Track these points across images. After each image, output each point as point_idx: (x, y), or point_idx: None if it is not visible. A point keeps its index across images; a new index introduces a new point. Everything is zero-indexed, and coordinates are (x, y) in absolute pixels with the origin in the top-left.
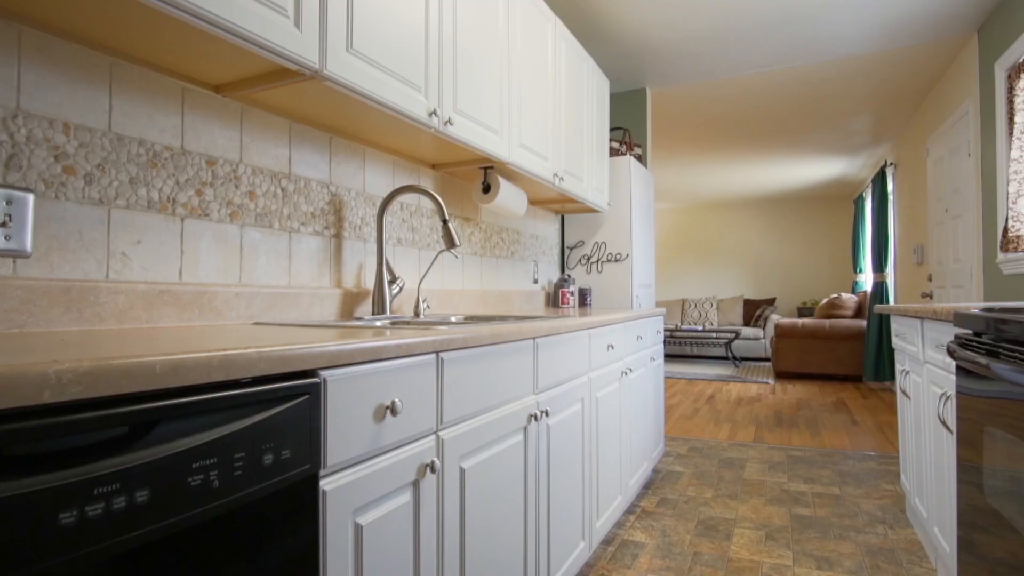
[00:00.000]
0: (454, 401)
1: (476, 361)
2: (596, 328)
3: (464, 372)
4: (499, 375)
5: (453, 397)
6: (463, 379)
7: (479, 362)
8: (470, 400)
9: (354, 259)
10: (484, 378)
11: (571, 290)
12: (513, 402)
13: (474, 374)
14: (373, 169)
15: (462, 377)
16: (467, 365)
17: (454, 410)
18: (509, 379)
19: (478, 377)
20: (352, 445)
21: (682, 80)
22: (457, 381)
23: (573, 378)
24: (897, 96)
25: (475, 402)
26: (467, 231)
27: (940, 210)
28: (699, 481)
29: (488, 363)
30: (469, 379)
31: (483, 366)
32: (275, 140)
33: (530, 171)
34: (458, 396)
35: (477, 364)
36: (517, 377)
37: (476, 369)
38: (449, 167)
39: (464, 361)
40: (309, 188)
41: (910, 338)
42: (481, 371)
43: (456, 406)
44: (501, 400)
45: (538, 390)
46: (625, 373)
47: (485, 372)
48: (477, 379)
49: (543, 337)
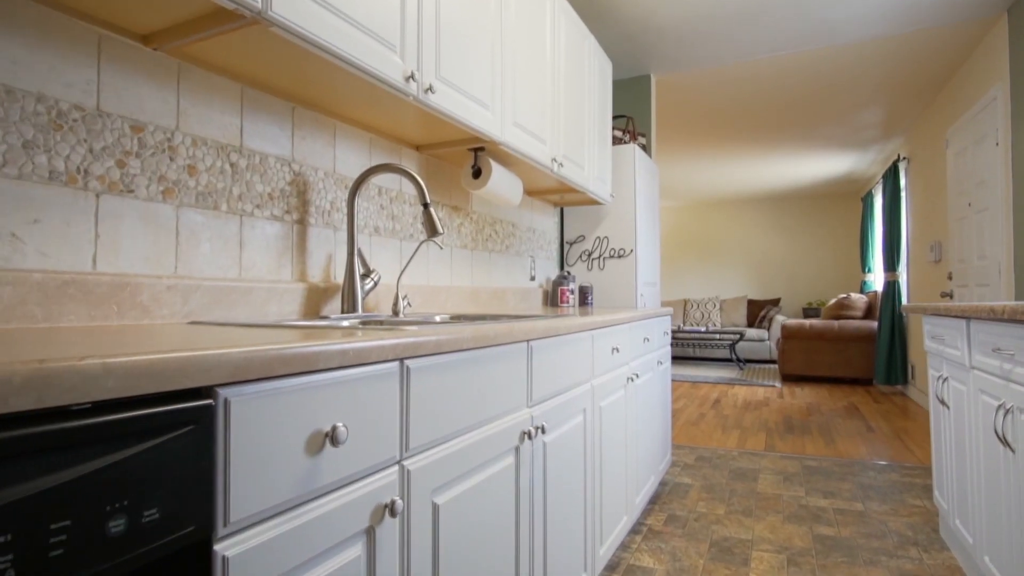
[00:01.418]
0: (424, 421)
1: (454, 370)
2: (600, 329)
3: (438, 384)
4: (484, 386)
5: (423, 416)
6: (437, 393)
7: (458, 371)
8: (446, 419)
9: (322, 249)
10: (465, 391)
11: (571, 288)
12: (502, 418)
13: (452, 386)
14: (346, 147)
15: (436, 390)
16: (442, 375)
17: (424, 432)
18: (497, 391)
19: (457, 390)
20: (271, 490)
21: (688, 65)
22: (429, 395)
23: (574, 386)
24: (913, 85)
25: (453, 421)
26: (456, 221)
27: (962, 204)
28: (709, 495)
29: (470, 372)
30: (445, 393)
31: (464, 376)
32: (223, 107)
33: (525, 154)
34: (430, 414)
35: (456, 374)
36: (507, 388)
37: (454, 380)
38: (435, 148)
39: (438, 371)
40: (266, 165)
41: (951, 340)
42: (461, 382)
43: (427, 427)
44: (486, 417)
45: (532, 402)
46: (631, 379)
47: (466, 383)
48: (455, 392)
49: (539, 340)
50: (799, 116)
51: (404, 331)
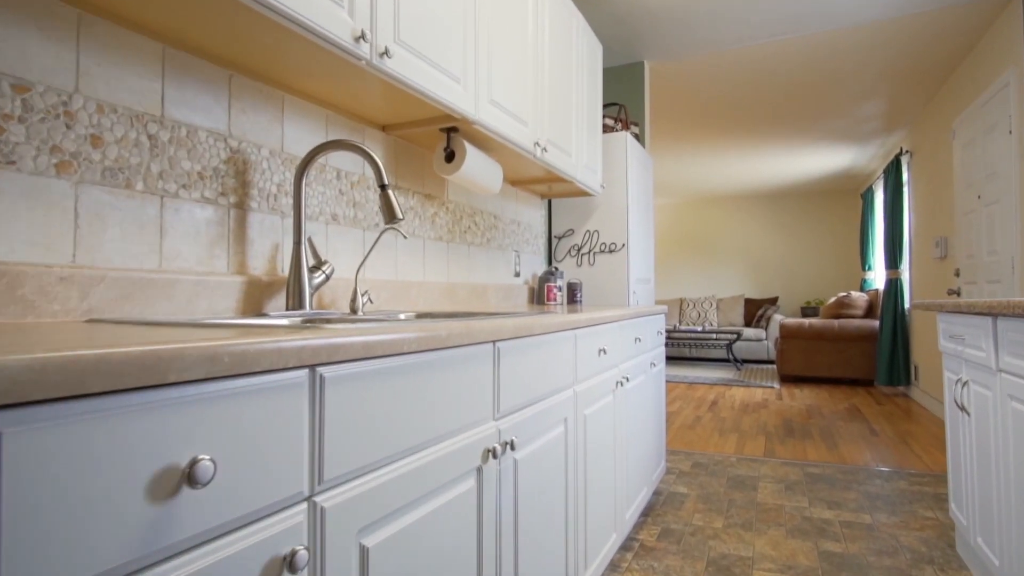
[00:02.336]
0: (348, 444)
1: (393, 379)
2: (584, 328)
3: (369, 397)
4: (435, 397)
5: (346, 438)
6: (367, 408)
7: (399, 380)
8: (380, 439)
9: (266, 238)
10: (408, 404)
11: (558, 284)
12: (459, 435)
13: (389, 399)
14: (296, 123)
15: (365, 405)
16: (375, 386)
17: (347, 458)
18: (453, 402)
19: (396, 403)
20: (85, 554)
21: (683, 52)
22: (355, 412)
23: (552, 393)
24: (917, 73)
25: (390, 442)
26: (430, 211)
27: (970, 198)
28: (706, 506)
29: (416, 381)
30: (379, 407)
31: (407, 386)
32: (139, 69)
33: (504, 135)
34: (357, 435)
35: (395, 383)
36: (467, 398)
37: (393, 391)
38: (403, 128)
39: (368, 380)
40: (195, 139)
41: (973, 340)
42: (402, 394)
43: (352, 452)
44: (438, 434)
45: (500, 414)
46: (620, 383)
47: (410, 395)
48: (395, 406)
49: (508, 341)
50: (798, 108)
51: (323, 330)
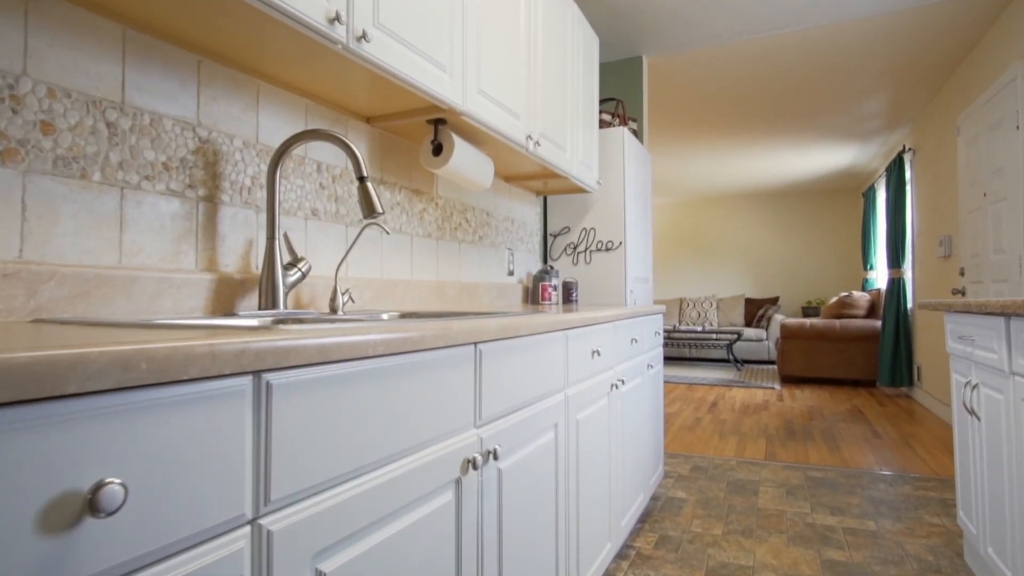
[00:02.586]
0: (301, 458)
1: (355, 385)
2: (576, 329)
3: (325, 405)
4: (406, 405)
5: (299, 452)
6: (322, 417)
7: (362, 386)
8: (340, 452)
9: (239, 233)
10: (373, 413)
11: (553, 284)
12: (435, 445)
13: (349, 408)
14: (273, 113)
15: (320, 414)
16: (331, 394)
17: (300, 475)
18: (428, 410)
19: (359, 412)
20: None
21: (682, 46)
22: (307, 422)
23: (541, 398)
24: (920, 68)
25: (351, 456)
26: (418, 207)
27: (975, 195)
28: (705, 511)
29: (383, 388)
30: (338, 416)
31: (371, 393)
32: (96, 52)
33: (494, 128)
34: (311, 448)
35: (358, 390)
36: (444, 405)
37: (356, 399)
38: (388, 120)
39: (323, 388)
40: (160, 128)
41: (984, 342)
42: (365, 402)
43: (306, 466)
44: (410, 445)
45: (482, 421)
46: (615, 386)
47: (375, 403)
48: (357, 415)
49: (491, 342)
50: (799, 105)
51: (272, 331)
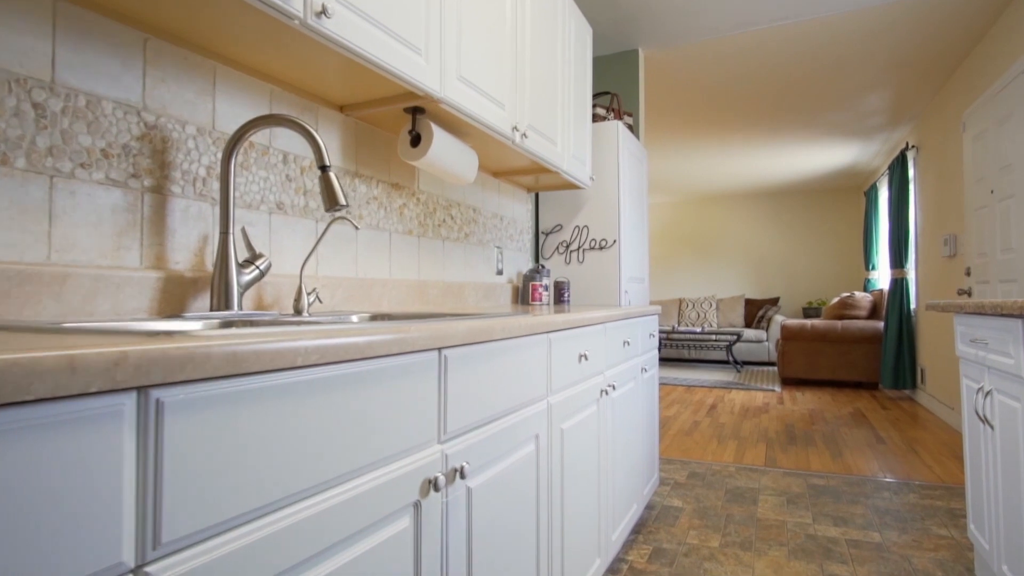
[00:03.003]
0: (202, 493)
1: (282, 402)
2: (560, 332)
3: (241, 427)
4: (351, 422)
5: (199, 485)
6: (238, 442)
7: (290, 404)
8: (261, 482)
9: (192, 227)
10: (305, 434)
11: (544, 283)
12: (386, 466)
13: (274, 430)
14: (232, 98)
15: (234, 438)
16: (252, 412)
17: (202, 512)
18: (379, 426)
19: (288, 434)
20: None
21: (680, 38)
22: (215, 448)
23: (519, 407)
24: (924, 62)
25: (273, 484)
26: (397, 202)
27: (982, 193)
28: (702, 521)
29: (320, 403)
30: (259, 441)
31: (303, 411)
32: (19, 25)
33: (476, 117)
34: (219, 479)
35: (285, 408)
36: (400, 420)
37: (279, 419)
38: (363, 109)
39: (241, 405)
40: (98, 111)
41: (998, 346)
42: (296, 421)
43: (208, 503)
44: (352, 468)
45: (447, 435)
46: (605, 391)
47: (309, 422)
48: (285, 438)
49: (458, 348)
50: (800, 101)
51: (170, 337)
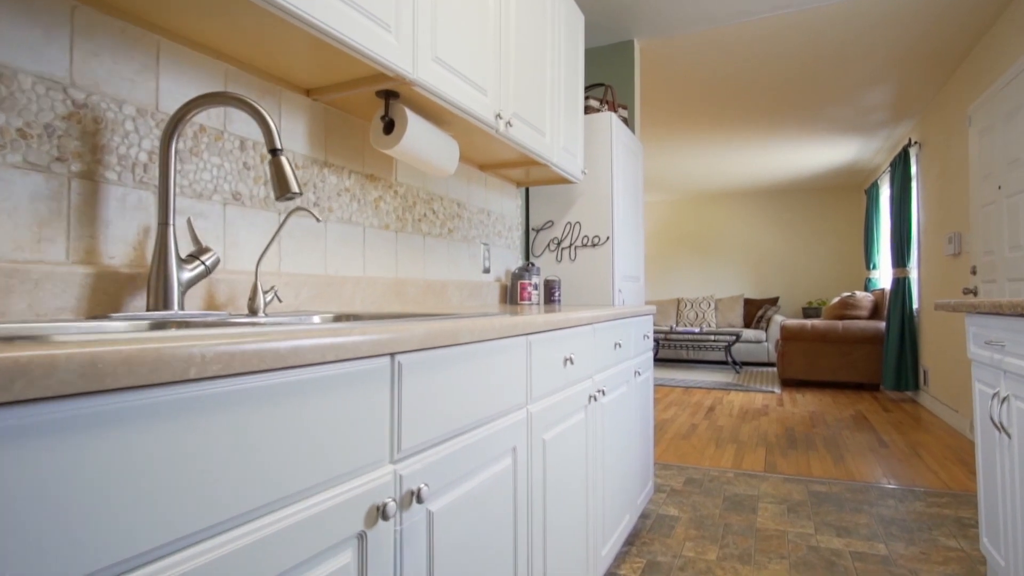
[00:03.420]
0: (49, 550)
1: (161, 424)
2: (542, 334)
3: (99, 457)
4: (272, 444)
5: (50, 526)
6: (99, 475)
7: (196, 422)
8: (137, 523)
9: (132, 218)
10: (201, 463)
11: (533, 282)
12: (324, 492)
13: (152, 463)
14: (178, 77)
15: (96, 471)
16: (112, 438)
17: (75, 561)
18: (308, 448)
19: (176, 466)
20: None
21: (676, 28)
22: (62, 485)
23: (493, 418)
24: (929, 54)
25: (158, 526)
26: (372, 194)
27: (989, 189)
28: (699, 532)
29: (240, 421)
30: (128, 473)
31: (201, 432)
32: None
33: (455, 103)
34: (71, 517)
35: (168, 431)
36: (340, 438)
37: (166, 446)
38: (332, 92)
39: (91, 429)
40: (13, 86)
41: (1017, 348)
42: (190, 448)
43: (48, 553)
44: (280, 496)
45: (401, 454)
46: (594, 397)
47: (207, 447)
48: (173, 470)
49: (415, 353)
50: (800, 96)
51: (24, 344)
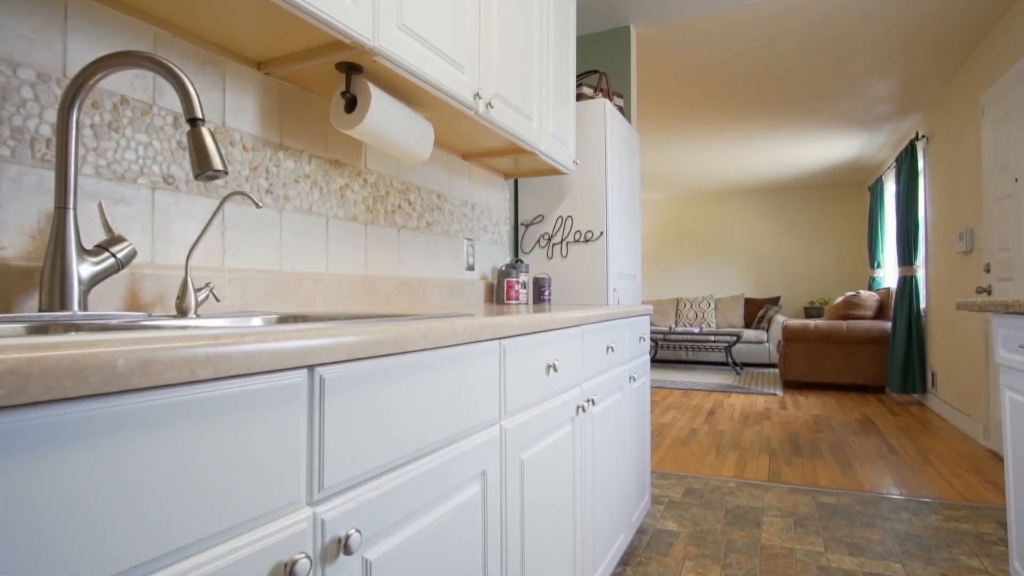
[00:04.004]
0: None
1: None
2: (519, 338)
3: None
4: (132, 490)
5: None
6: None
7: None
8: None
9: (29, 202)
10: (47, 516)
11: (521, 280)
12: (206, 551)
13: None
14: (93, 40)
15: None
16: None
17: None
18: (185, 492)
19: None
20: None
21: (675, 13)
22: None
23: (453, 440)
24: (939, 43)
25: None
26: (337, 182)
27: (1005, 182)
28: (699, 549)
29: (87, 461)
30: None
31: (48, 488)
32: None
33: (425, 77)
34: None
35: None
36: (227, 481)
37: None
38: (285, 65)
39: None
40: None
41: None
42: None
43: None
44: (146, 558)
45: (324, 492)
46: (583, 408)
47: (40, 500)
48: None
49: (344, 364)
50: (803, 87)
51: None
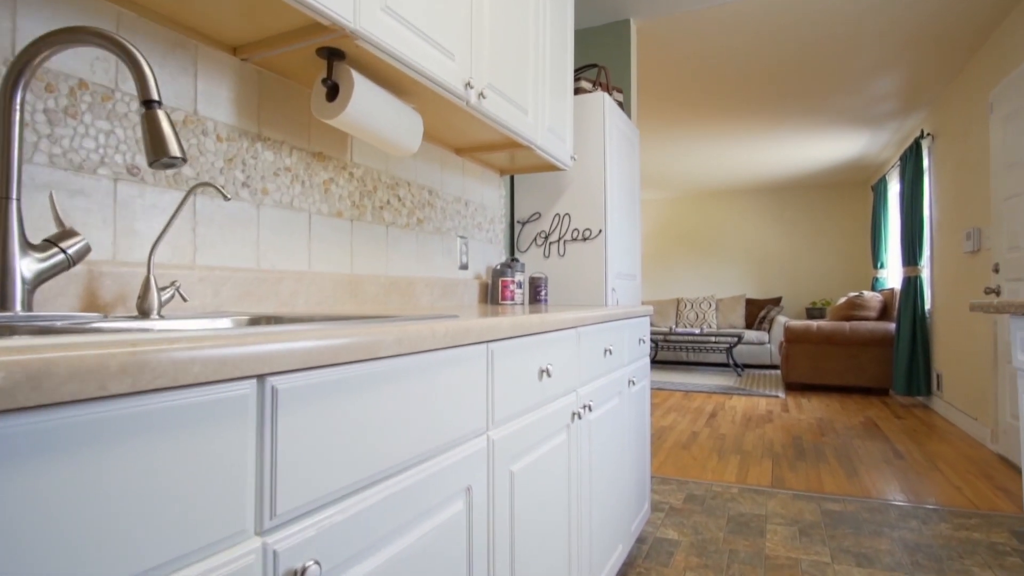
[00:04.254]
0: None
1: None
2: (508, 341)
3: None
4: (39, 523)
5: None
6: None
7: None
8: None
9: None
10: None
11: (517, 279)
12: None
13: None
14: (47, 18)
15: None
16: None
17: None
18: (107, 530)
19: None
20: None
21: (676, 5)
22: None
23: (433, 454)
24: (946, 38)
25: None
26: (320, 176)
27: (1014, 179)
28: (701, 560)
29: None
30: None
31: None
32: None
33: (411, 64)
34: None
35: None
36: (159, 510)
37: None
38: (263, 50)
39: None
40: None
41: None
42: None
43: None
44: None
45: (275, 520)
46: (578, 414)
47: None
48: None
49: (299, 373)
50: (805, 84)
51: None
